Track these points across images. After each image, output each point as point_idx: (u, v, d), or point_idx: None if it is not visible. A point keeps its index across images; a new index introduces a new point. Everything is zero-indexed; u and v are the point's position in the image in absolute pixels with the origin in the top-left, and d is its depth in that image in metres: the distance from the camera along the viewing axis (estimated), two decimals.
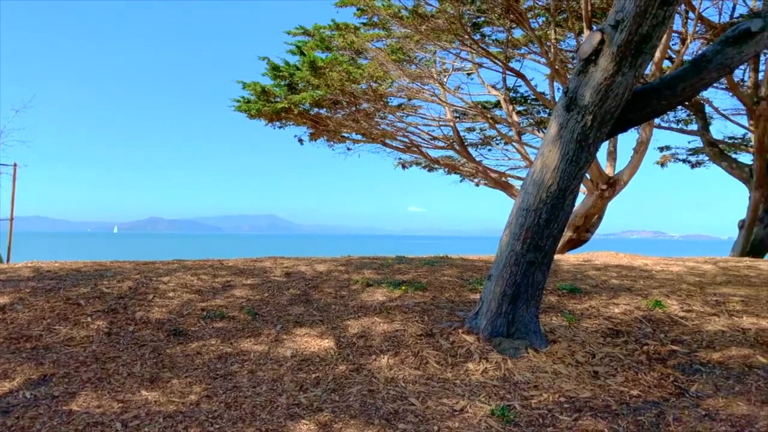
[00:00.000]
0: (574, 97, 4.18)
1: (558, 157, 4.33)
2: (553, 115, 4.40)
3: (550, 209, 4.47)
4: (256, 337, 4.94)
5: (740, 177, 15.54)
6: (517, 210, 4.65)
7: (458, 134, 14.07)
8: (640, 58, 3.88)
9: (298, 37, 12.85)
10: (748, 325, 5.46)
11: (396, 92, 12.66)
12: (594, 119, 4.13)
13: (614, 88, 3.97)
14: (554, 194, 4.42)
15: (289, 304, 5.72)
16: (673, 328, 5.35)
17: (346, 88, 11.71)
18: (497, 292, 4.80)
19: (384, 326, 5.10)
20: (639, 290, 6.56)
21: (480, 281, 6.55)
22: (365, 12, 12.34)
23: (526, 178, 4.67)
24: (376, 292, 6.07)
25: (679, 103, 4.20)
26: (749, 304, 6.11)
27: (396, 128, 13.53)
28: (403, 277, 6.73)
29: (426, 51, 13.40)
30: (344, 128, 13.58)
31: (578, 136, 4.21)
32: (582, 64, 4.08)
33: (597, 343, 4.95)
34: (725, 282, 7.15)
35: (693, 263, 8.63)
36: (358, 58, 12.75)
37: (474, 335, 4.87)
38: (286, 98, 12.21)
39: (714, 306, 6.03)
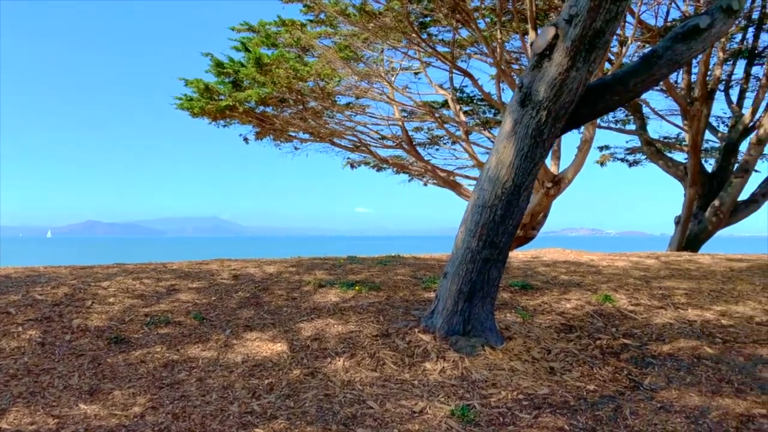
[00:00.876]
0: (528, 93, 4.16)
1: (513, 153, 4.30)
2: (507, 111, 4.37)
3: (505, 206, 4.45)
4: (205, 343, 4.71)
5: (676, 175, 16.15)
6: (473, 207, 4.60)
7: (407, 133, 14.05)
8: (593, 53, 3.89)
9: (243, 33, 12.53)
10: (694, 317, 5.60)
11: (344, 91, 12.52)
12: (548, 114, 4.12)
13: (568, 83, 3.97)
14: (509, 190, 4.40)
15: (238, 308, 5.50)
16: (623, 322, 5.43)
17: (293, 85, 11.48)
18: (453, 290, 4.74)
19: (338, 328, 4.96)
20: (588, 285, 6.66)
21: (434, 279, 6.50)
22: (312, 9, 12.14)
23: (481, 174, 4.63)
24: (329, 293, 5.93)
25: (630, 99, 4.25)
26: (692, 297, 6.29)
27: (345, 127, 13.40)
28: (356, 277, 6.60)
29: (374, 49, 13.32)
30: (291, 127, 13.34)
31: (533, 131, 4.20)
32: (536, 58, 4.07)
33: (551, 339, 4.96)
34: (668, 276, 7.36)
35: (637, 258, 8.86)
36: (305, 55, 12.54)
37: (430, 334, 4.79)
38: (230, 96, 11.87)
39: (660, 299, 6.17)
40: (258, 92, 11.36)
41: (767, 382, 4.20)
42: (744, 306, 5.99)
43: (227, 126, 14.08)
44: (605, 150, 20.83)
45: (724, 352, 4.73)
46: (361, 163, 16.83)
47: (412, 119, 14.77)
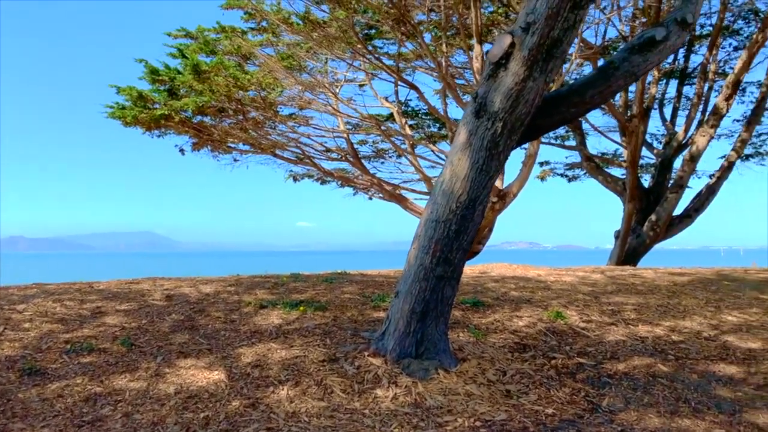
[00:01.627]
0: (483, 103, 3.97)
1: (468, 165, 4.10)
2: (462, 122, 4.18)
3: (460, 220, 4.23)
4: (133, 372, 4.25)
5: (615, 190, 16.55)
6: (426, 222, 4.37)
7: (352, 146, 13.80)
8: (551, 62, 3.75)
9: (180, 39, 11.98)
10: (645, 333, 5.55)
11: (287, 101, 12.16)
12: (504, 126, 3.94)
13: (525, 94, 3.81)
14: (464, 204, 4.19)
15: (171, 332, 5.04)
16: (576, 340, 5.31)
17: (233, 94, 11.03)
18: (406, 310, 4.48)
19: (282, 353, 4.60)
20: (539, 302, 6.54)
21: (383, 298, 6.22)
22: (253, 16, 11.75)
23: (434, 188, 4.40)
24: (271, 314, 5.55)
25: (587, 111, 4.15)
26: (641, 312, 6.26)
27: (288, 139, 13.00)
28: (301, 297, 6.24)
29: (318, 60, 13.03)
30: (231, 138, 12.83)
31: (488, 143, 4.01)
32: (492, 68, 3.89)
33: (506, 359, 4.76)
34: (616, 291, 7.35)
35: (583, 273, 8.88)
36: (245, 64, 12.10)
37: (381, 357, 4.51)
38: (166, 104, 11.28)
39: (611, 315, 6.11)
40: (195, 101, 10.84)
41: (723, 401, 4.13)
42: (691, 321, 6.00)
43: (162, 136, 13.42)
44: (546, 165, 21.22)
45: (678, 370, 4.65)
46: (305, 176, 16.41)
47: (357, 132, 14.53)
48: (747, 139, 15.93)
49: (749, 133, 15.87)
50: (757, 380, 4.46)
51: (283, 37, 12.15)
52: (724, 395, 4.21)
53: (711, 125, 14.83)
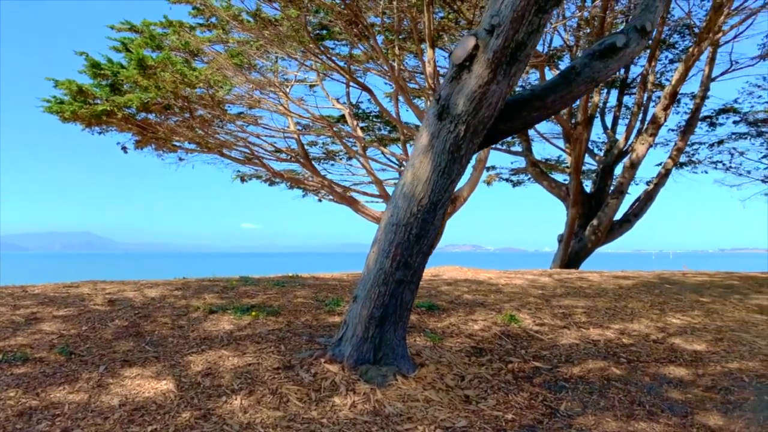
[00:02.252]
0: (446, 105, 3.92)
1: (430, 168, 4.04)
2: (424, 124, 4.12)
3: (420, 224, 4.17)
4: (73, 384, 3.97)
5: (558, 195, 16.96)
6: (386, 225, 4.28)
7: (302, 147, 13.60)
8: (514, 66, 3.74)
9: (124, 33, 11.50)
10: (596, 336, 5.64)
11: (236, 99, 11.85)
12: (467, 129, 3.90)
13: (488, 97, 3.78)
14: (425, 208, 4.13)
15: (114, 339, 4.77)
16: (531, 344, 5.34)
17: (180, 91, 10.66)
18: (364, 315, 4.38)
19: (234, 360, 4.42)
20: (492, 305, 6.57)
21: (337, 302, 6.10)
22: (202, 12, 11.42)
23: (395, 190, 4.32)
24: (222, 319, 5.33)
25: (548, 116, 4.16)
26: (591, 315, 6.38)
27: (236, 138, 12.67)
28: (252, 301, 6.05)
29: (267, 59, 12.78)
30: (176, 136, 12.41)
31: (450, 146, 3.97)
32: (455, 70, 3.85)
33: (463, 364, 4.73)
34: (565, 294, 7.48)
35: (532, 276, 9.01)
36: (193, 60, 11.73)
37: (338, 364, 4.39)
38: (108, 100, 10.79)
39: (562, 318, 6.19)
40: (140, 97, 10.42)
41: (675, 403, 4.22)
42: (639, 324, 6.15)
43: (103, 133, 12.85)
44: (492, 170, 21.55)
45: (630, 373, 4.74)
46: (253, 176, 16.09)
47: (308, 133, 14.34)
48: (682, 148, 16.65)
49: (684, 142, 16.59)
50: (705, 382, 4.58)
51: (232, 34, 11.85)
52: (675, 397, 4.30)
53: (650, 134, 15.41)
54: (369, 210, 13.62)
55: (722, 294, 8.05)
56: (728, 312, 6.95)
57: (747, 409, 4.13)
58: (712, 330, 6.05)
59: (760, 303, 7.63)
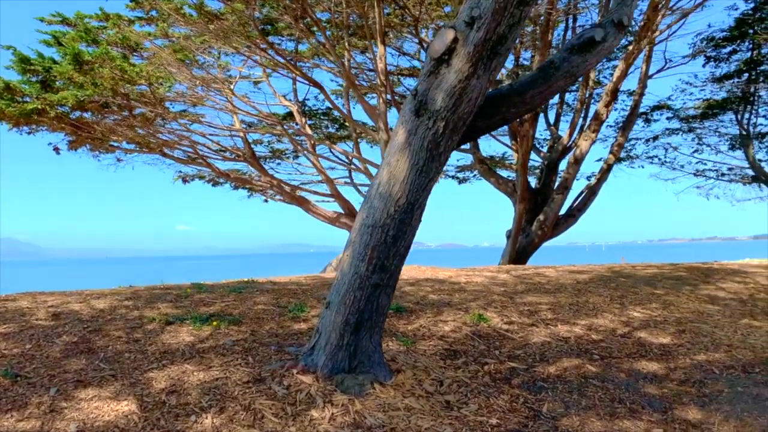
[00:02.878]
0: (424, 101, 3.76)
1: (407, 167, 3.87)
2: (400, 121, 3.94)
3: (398, 225, 3.99)
4: (22, 410, 3.58)
5: (506, 191, 17.16)
6: (361, 227, 4.08)
7: (249, 146, 13.16)
8: (495, 60, 3.61)
9: (56, 26, 10.76)
10: (565, 333, 5.63)
11: (179, 97, 11.32)
12: (446, 126, 3.75)
13: (468, 92, 3.65)
14: (403, 208, 3.95)
15: (64, 357, 4.36)
16: (503, 343, 5.26)
17: (119, 88, 10.07)
18: (338, 322, 4.17)
19: (200, 375, 4.11)
20: (458, 304, 6.47)
21: (301, 308, 5.84)
22: (141, 5, 10.82)
23: (370, 190, 4.13)
24: (181, 331, 4.99)
25: (527, 111, 4.07)
26: (556, 312, 6.38)
27: (179, 137, 12.11)
28: (210, 310, 5.71)
29: (210, 55, 12.29)
30: (114, 136, 11.74)
31: (429, 144, 3.81)
32: (433, 64, 3.69)
33: (439, 368, 4.60)
34: (526, 290, 7.48)
35: (490, 273, 9.00)
36: (131, 56, 11.12)
37: (312, 374, 4.16)
38: (39, 97, 10.07)
39: (529, 316, 6.16)
40: (75, 94, 9.76)
41: (653, 398, 4.22)
42: (603, 318, 6.20)
43: (33, 133, 12.02)
44: None
45: (605, 370, 4.72)
46: (195, 177, 15.48)
47: (253, 131, 13.90)
48: (623, 143, 17.17)
49: (624, 137, 17.11)
50: (678, 376, 4.62)
51: (174, 29, 11.31)
52: (653, 393, 4.31)
53: (593, 130, 15.79)
54: (320, 210, 13.35)
55: (674, 285, 8.26)
56: (683, 303, 7.12)
57: (723, 401, 4.17)
58: (672, 322, 6.16)
59: (710, 293, 7.88)
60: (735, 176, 21.66)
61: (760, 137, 19.62)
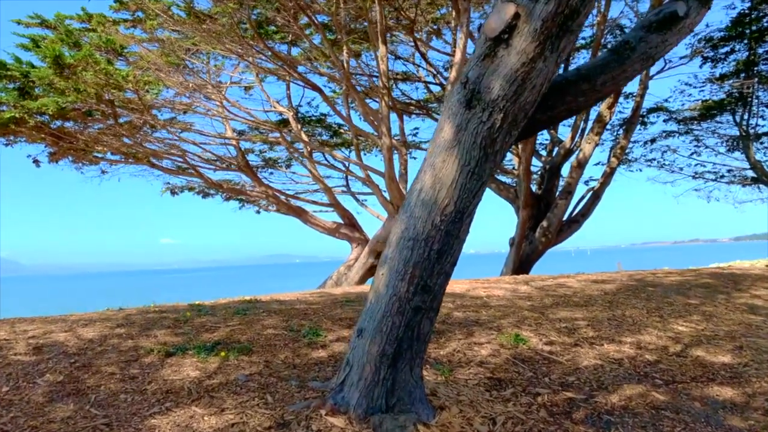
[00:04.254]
0: (477, 90, 3.16)
1: (456, 168, 3.26)
2: (446, 114, 3.34)
3: (443, 237, 3.38)
4: None
5: (507, 197, 16.63)
6: (400, 241, 3.46)
7: (243, 154, 12.50)
8: (564, 38, 3.03)
9: (34, 29, 10.06)
10: (615, 353, 5.03)
11: (168, 104, 10.64)
12: (504, 118, 3.16)
13: (533, 78, 3.06)
14: (450, 218, 3.34)
15: (48, 402, 3.68)
16: (551, 368, 4.65)
17: (104, 94, 9.37)
18: (374, 353, 3.54)
19: (212, 420, 3.45)
20: (488, 323, 5.86)
21: (316, 332, 5.19)
22: (126, 6, 10.15)
23: (409, 197, 3.51)
24: (184, 364, 4.32)
25: (596, 101, 3.49)
26: (596, 328, 5.80)
27: (169, 146, 11.42)
28: (214, 336, 5.04)
29: (200, 60, 11.63)
30: (99, 146, 11.02)
31: (483, 140, 3.20)
32: (489, 45, 3.09)
33: (487, 401, 3.97)
34: (555, 304, 6.89)
35: (509, 285, 8.41)
36: (115, 60, 10.43)
37: (343, 415, 3.52)
38: (16, 105, 9.35)
39: (569, 334, 5.56)
40: (56, 101, 9.05)
41: None
42: (648, 335, 5.62)
43: (11, 144, 11.26)
44: None
45: (675, 398, 4.13)
46: (185, 188, 14.75)
47: (246, 138, 13.24)
48: (625, 146, 16.73)
49: (627, 140, 16.69)
50: (759, 404, 4.04)
51: (161, 32, 10.64)
52: (738, 426, 3.72)
53: (596, 132, 15.33)
54: (319, 220, 12.70)
55: (706, 294, 7.73)
56: (725, 315, 6.57)
57: None
58: (724, 337, 5.60)
59: (747, 302, 7.35)
60: (734, 178, 21.36)
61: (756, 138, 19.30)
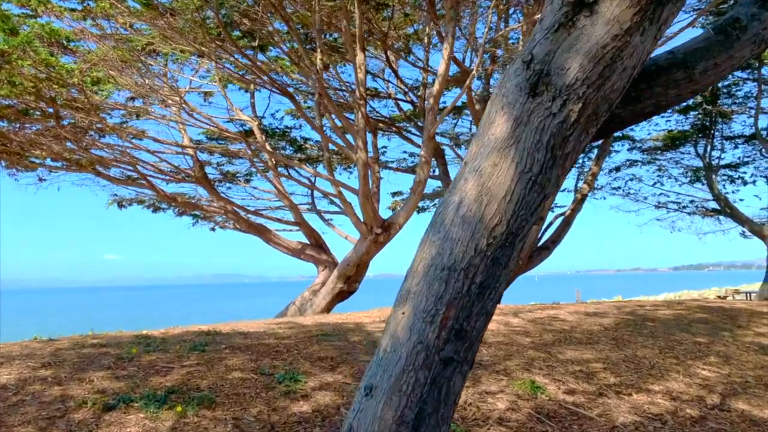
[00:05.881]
0: (546, 71, 2.37)
1: (512, 176, 2.45)
2: (499, 104, 2.53)
3: (489, 267, 2.55)
4: None
5: None
6: (429, 270, 2.61)
7: (201, 165, 11.42)
8: (666, 7, 2.28)
9: None
10: (649, 406, 4.28)
11: (120, 106, 9.55)
12: (583, 110, 2.37)
13: (625, 57, 2.29)
14: (500, 241, 2.52)
15: None
16: (583, 427, 3.85)
17: (44, 90, 8.24)
18: (389, 419, 2.64)
19: None
20: (492, 365, 5.04)
21: (294, 376, 4.25)
22: None
23: (441, 213, 2.66)
24: (127, 422, 3.31)
25: (692, 94, 2.71)
26: (614, 372, 5.06)
27: (120, 153, 10.26)
28: (167, 381, 4.04)
29: (156, 62, 10.58)
30: (37, 149, 9.79)
31: (551, 139, 2.41)
32: (565, 12, 2.32)
33: None
34: (557, 341, 6.14)
35: (496, 316, 7.63)
36: (60, 54, 9.30)
37: None
38: None
39: (587, 380, 4.79)
40: None
41: None
42: (675, 381, 4.91)
43: None
44: (398, 196, 20.33)
45: None
46: (134, 201, 13.49)
47: (203, 148, 12.19)
48: (597, 173, 16.48)
49: (598, 167, 16.45)
50: None
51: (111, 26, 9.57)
52: None
53: None
54: (282, 240, 11.70)
55: (709, 331, 7.16)
56: (740, 356, 5.97)
57: None
58: (757, 385, 4.95)
59: (754, 341, 6.81)
60: (696, 209, 21.47)
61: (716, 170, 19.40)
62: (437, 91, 9.26)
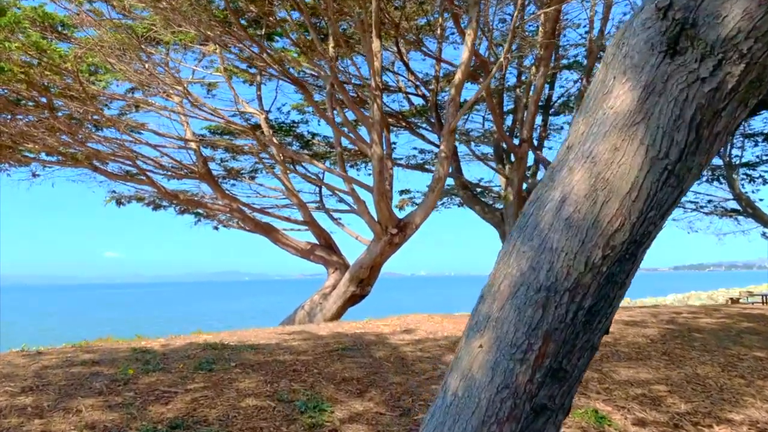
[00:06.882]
0: (691, 21, 1.73)
1: (640, 163, 1.81)
2: (619, 67, 1.88)
3: (602, 286, 1.92)
4: None
5: (492, 221, 15.37)
6: (517, 289, 1.96)
7: (204, 161, 10.78)
8: None
9: None
10: None
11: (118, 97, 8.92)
12: (745, 74, 1.73)
13: None
14: (619, 252, 1.89)
15: None
16: None
17: (35, 77, 7.61)
18: None
19: None
20: None
21: (318, 404, 3.61)
22: None
23: (534, 214, 2.00)
24: None
25: None
26: (683, 397, 4.42)
27: (118, 147, 9.62)
28: (168, 411, 3.40)
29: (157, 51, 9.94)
30: (29, 143, 9.15)
31: (697, 113, 1.77)
32: None
33: None
34: (604, 357, 5.50)
35: None
36: (53, 41, 8.65)
37: None
38: None
39: (653, 406, 4.15)
40: None
41: None
42: (755, 408, 4.27)
43: None
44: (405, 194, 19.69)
45: None
46: (133, 198, 12.83)
47: (207, 143, 11.54)
48: None
49: None
50: None
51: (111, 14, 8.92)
52: None
53: None
54: (291, 240, 11.07)
55: (763, 343, 6.52)
56: None
57: None
58: None
59: None
60: (714, 209, 20.85)
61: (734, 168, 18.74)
62: (459, 80, 8.61)
